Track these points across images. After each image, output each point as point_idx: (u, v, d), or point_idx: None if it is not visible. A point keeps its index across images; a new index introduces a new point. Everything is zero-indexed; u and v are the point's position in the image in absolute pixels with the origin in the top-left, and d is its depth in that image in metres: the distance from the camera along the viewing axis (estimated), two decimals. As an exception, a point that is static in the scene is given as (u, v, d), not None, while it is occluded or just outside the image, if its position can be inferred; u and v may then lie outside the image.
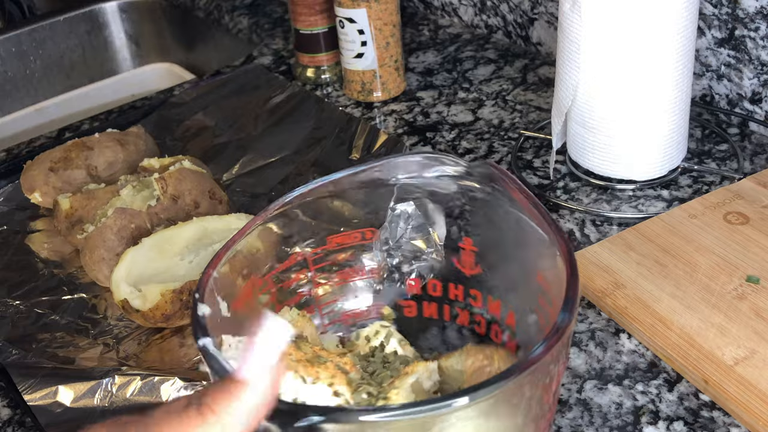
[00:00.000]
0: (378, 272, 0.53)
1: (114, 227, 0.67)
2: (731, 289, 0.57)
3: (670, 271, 0.60)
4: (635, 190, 0.72)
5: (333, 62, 0.97)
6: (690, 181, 0.73)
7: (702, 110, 0.81)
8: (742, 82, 0.78)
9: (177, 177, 0.70)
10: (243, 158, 0.83)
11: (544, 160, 0.78)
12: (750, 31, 0.75)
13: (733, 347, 0.53)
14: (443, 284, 0.52)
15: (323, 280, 0.52)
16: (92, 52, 1.35)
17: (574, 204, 0.71)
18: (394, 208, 0.57)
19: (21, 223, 0.77)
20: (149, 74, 1.38)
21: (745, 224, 0.63)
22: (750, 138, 0.77)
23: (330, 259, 0.52)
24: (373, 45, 0.88)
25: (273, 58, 1.07)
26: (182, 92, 0.96)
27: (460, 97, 0.92)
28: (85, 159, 0.77)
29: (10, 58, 1.26)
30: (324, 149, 0.82)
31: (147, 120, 0.91)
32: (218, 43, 1.28)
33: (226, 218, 0.68)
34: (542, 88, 0.92)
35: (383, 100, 0.92)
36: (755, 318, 0.55)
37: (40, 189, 0.76)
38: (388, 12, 0.88)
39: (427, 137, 0.85)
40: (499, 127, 0.85)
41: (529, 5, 0.98)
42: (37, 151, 0.82)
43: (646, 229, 0.64)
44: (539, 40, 0.99)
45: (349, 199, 0.50)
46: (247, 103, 0.93)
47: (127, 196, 0.70)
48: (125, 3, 1.36)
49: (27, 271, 0.71)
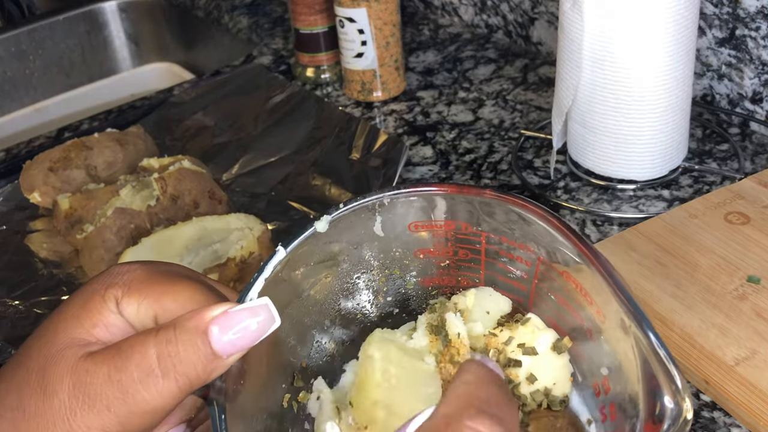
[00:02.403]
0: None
1: (113, 227, 0.66)
2: (732, 289, 0.57)
3: (671, 271, 0.59)
4: (636, 190, 0.72)
5: (333, 62, 0.97)
6: (691, 181, 0.72)
7: (703, 110, 0.81)
8: (743, 82, 0.78)
9: (176, 177, 0.70)
10: (243, 158, 0.83)
11: (544, 160, 0.78)
12: (751, 31, 0.75)
13: (734, 347, 0.53)
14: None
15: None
16: (92, 51, 1.35)
17: (574, 204, 0.71)
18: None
19: (20, 223, 0.77)
20: (149, 74, 1.38)
21: (745, 224, 0.63)
22: (751, 138, 0.77)
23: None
24: (373, 44, 0.88)
25: (273, 57, 1.07)
26: (182, 92, 0.96)
27: (460, 97, 0.92)
28: (84, 159, 0.77)
29: (9, 57, 1.26)
30: (324, 149, 0.82)
31: (146, 120, 0.91)
32: (218, 42, 1.28)
33: (225, 218, 0.68)
34: (543, 88, 0.91)
35: (383, 99, 0.92)
36: (756, 318, 0.54)
37: (39, 189, 0.76)
38: (388, 11, 0.87)
39: (427, 137, 0.85)
40: (499, 126, 0.85)
41: (529, 5, 0.98)
42: (37, 151, 0.82)
43: (647, 229, 0.64)
44: (540, 39, 0.99)
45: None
46: (247, 102, 0.92)
47: (127, 196, 0.70)
48: (125, 2, 1.36)
49: (26, 271, 0.71)
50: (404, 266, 0.46)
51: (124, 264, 0.38)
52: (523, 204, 0.41)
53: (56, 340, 0.35)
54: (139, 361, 0.33)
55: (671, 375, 0.32)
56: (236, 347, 0.34)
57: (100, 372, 0.33)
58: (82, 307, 0.36)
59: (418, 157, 0.82)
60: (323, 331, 0.45)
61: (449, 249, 0.45)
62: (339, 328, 0.46)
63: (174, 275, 0.37)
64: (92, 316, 0.35)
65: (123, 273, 0.37)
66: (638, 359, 0.34)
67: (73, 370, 0.33)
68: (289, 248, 0.41)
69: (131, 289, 0.36)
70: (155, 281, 0.36)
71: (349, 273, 0.45)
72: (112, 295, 0.36)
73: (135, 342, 0.33)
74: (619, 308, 0.35)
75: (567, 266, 0.40)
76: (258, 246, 0.65)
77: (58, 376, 0.33)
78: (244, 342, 0.34)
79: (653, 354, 0.33)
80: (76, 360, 0.34)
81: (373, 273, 0.46)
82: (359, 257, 0.45)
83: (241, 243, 0.64)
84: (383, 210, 0.43)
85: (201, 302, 0.36)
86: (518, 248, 0.43)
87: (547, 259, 0.41)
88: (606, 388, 0.39)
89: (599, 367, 0.39)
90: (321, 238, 0.42)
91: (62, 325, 0.35)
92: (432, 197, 0.43)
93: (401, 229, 0.45)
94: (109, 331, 0.35)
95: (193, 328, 0.33)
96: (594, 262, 0.37)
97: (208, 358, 0.33)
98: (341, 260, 0.45)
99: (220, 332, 0.33)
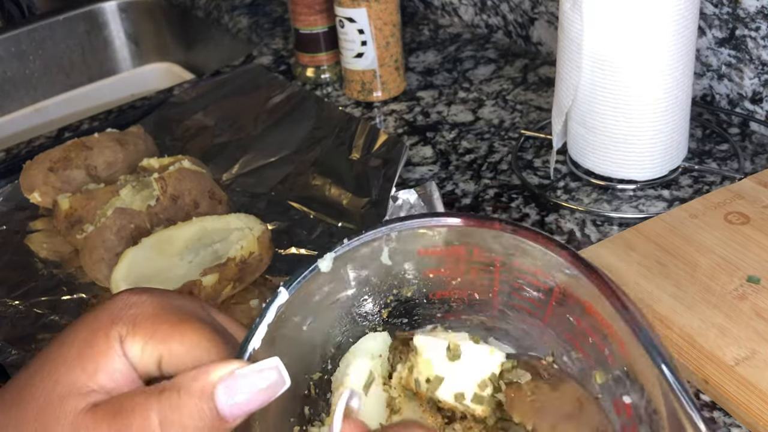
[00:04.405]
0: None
1: (113, 227, 0.66)
2: (732, 289, 0.57)
3: (671, 271, 0.59)
4: (636, 190, 0.72)
5: (333, 62, 0.97)
6: (691, 181, 0.72)
7: (703, 110, 0.81)
8: (743, 82, 0.78)
9: (176, 177, 0.70)
10: (243, 158, 0.83)
11: (544, 160, 0.78)
12: (751, 31, 0.75)
13: (734, 347, 0.53)
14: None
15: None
16: (92, 51, 1.35)
17: (574, 204, 0.71)
18: (395, 198, 0.56)
19: (20, 223, 0.77)
20: (149, 74, 1.38)
21: (745, 224, 0.63)
22: (751, 138, 0.77)
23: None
24: (373, 45, 0.88)
25: (273, 57, 1.07)
26: (182, 92, 0.96)
27: (460, 97, 0.92)
28: (84, 159, 0.77)
29: (9, 57, 1.26)
30: (324, 149, 0.82)
31: (146, 120, 0.91)
32: (218, 42, 1.28)
33: (225, 218, 0.68)
34: (542, 88, 0.91)
35: (383, 99, 0.92)
36: (756, 318, 0.54)
37: (39, 189, 0.76)
38: (388, 11, 0.87)
39: (427, 137, 0.85)
40: (499, 126, 0.85)
41: (529, 5, 0.98)
42: (37, 151, 0.82)
43: (647, 229, 0.64)
44: (540, 39, 0.99)
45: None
46: (247, 102, 0.92)
47: (127, 196, 0.70)
48: (125, 3, 1.36)
49: (26, 271, 0.71)
50: (412, 285, 0.45)
51: (133, 293, 0.37)
52: (535, 236, 0.39)
53: (56, 384, 0.34)
54: (141, 425, 0.32)
55: (694, 423, 0.32)
56: (243, 411, 0.33)
57: (100, 431, 0.32)
58: (86, 344, 0.35)
59: (418, 157, 0.82)
60: (329, 358, 0.44)
61: (460, 269, 0.44)
62: (346, 352, 0.45)
63: (182, 314, 0.36)
64: (96, 360, 0.34)
65: (130, 306, 0.36)
66: (663, 400, 0.33)
67: (72, 425, 0.33)
68: (291, 289, 0.39)
69: (137, 327, 0.35)
70: (162, 319, 0.36)
71: (356, 297, 0.44)
72: (117, 333, 0.35)
73: (137, 403, 0.33)
74: (639, 345, 0.35)
75: (586, 297, 0.39)
76: (258, 246, 0.65)
77: (58, 430, 0.33)
78: (252, 406, 0.33)
79: (676, 401, 0.32)
80: (77, 413, 0.33)
81: (380, 295, 0.45)
82: (366, 282, 0.44)
83: (241, 243, 0.64)
84: (390, 241, 0.42)
85: (208, 349, 0.35)
86: (534, 273, 0.41)
87: (565, 286, 0.40)
88: (627, 413, 0.38)
89: (621, 393, 0.38)
90: (324, 274, 0.40)
91: (64, 367, 0.34)
92: (440, 229, 0.42)
93: (410, 256, 0.43)
94: (111, 378, 0.34)
95: (198, 392, 0.32)
96: (612, 300, 0.36)
97: (214, 423, 0.32)
98: (347, 288, 0.43)
99: (227, 396, 0.32)
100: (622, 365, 0.38)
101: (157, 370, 0.36)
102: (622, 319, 0.36)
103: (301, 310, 0.41)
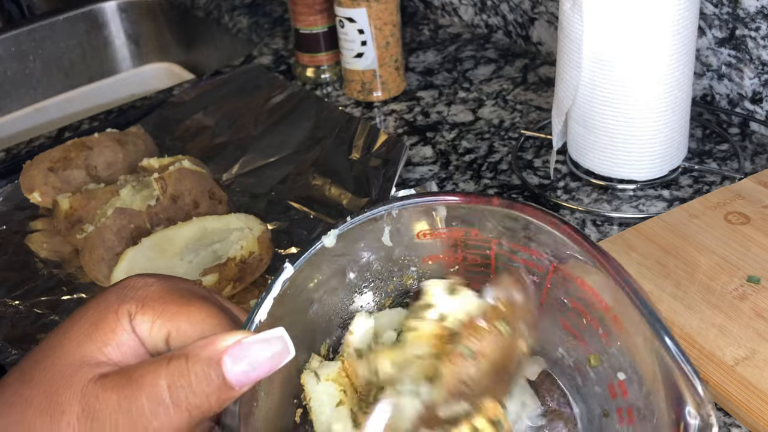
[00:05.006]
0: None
1: (113, 227, 0.66)
2: (732, 289, 0.57)
3: (671, 271, 0.59)
4: (636, 190, 0.72)
5: (333, 62, 0.97)
6: (691, 181, 0.72)
7: (703, 110, 0.81)
8: (743, 82, 0.78)
9: (176, 177, 0.70)
10: (243, 158, 0.83)
11: (544, 160, 0.78)
12: (751, 31, 0.75)
13: (734, 347, 0.53)
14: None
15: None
16: (92, 51, 1.35)
17: (574, 204, 0.71)
18: (395, 196, 0.56)
19: (20, 223, 0.77)
20: (149, 74, 1.37)
21: (745, 224, 0.63)
22: (751, 138, 0.77)
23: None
24: (373, 45, 0.88)
25: (273, 57, 1.07)
26: (182, 92, 0.96)
27: (460, 97, 0.92)
28: (84, 159, 0.77)
29: (9, 57, 1.26)
30: (324, 149, 0.82)
31: (146, 120, 0.91)
32: (218, 42, 1.28)
33: (225, 218, 0.68)
34: (542, 88, 0.91)
35: (383, 99, 0.92)
36: (756, 318, 0.54)
37: (39, 189, 0.76)
38: (388, 11, 0.87)
39: (427, 137, 0.85)
40: (499, 126, 0.85)
41: (529, 5, 0.98)
42: (37, 151, 0.82)
43: (647, 229, 0.64)
44: (539, 39, 0.99)
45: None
46: (247, 103, 0.92)
47: (127, 196, 0.70)
48: (125, 2, 1.36)
49: (26, 271, 0.71)
50: (412, 272, 0.46)
51: (140, 277, 0.38)
52: (533, 212, 0.40)
53: (66, 357, 0.35)
54: (150, 392, 0.33)
55: (695, 388, 0.32)
56: (250, 378, 0.33)
57: (110, 400, 0.33)
58: (96, 321, 0.36)
59: (418, 157, 0.82)
60: (332, 342, 0.45)
61: (458, 255, 0.45)
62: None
63: (189, 294, 0.37)
64: (106, 335, 0.35)
65: (139, 287, 0.37)
66: (660, 370, 0.34)
67: (82, 394, 0.33)
68: (297, 264, 0.40)
69: (146, 306, 0.36)
70: (170, 300, 0.36)
71: (357, 282, 0.45)
72: (126, 311, 0.36)
73: (146, 371, 0.33)
74: (639, 319, 0.35)
75: (581, 273, 0.39)
76: (258, 246, 0.65)
77: (67, 399, 0.33)
78: (258, 374, 0.34)
79: (677, 368, 0.33)
80: (86, 383, 0.33)
81: (381, 281, 0.46)
82: (367, 266, 0.45)
83: (241, 243, 0.64)
84: (391, 220, 0.43)
85: (215, 325, 0.36)
86: (529, 254, 0.42)
87: (560, 265, 0.41)
88: (623, 392, 0.38)
89: (616, 371, 0.39)
90: (328, 252, 0.42)
91: (73, 342, 0.35)
92: (440, 207, 0.43)
93: (409, 238, 0.44)
94: (120, 351, 0.35)
95: (206, 359, 0.33)
96: (612, 272, 0.36)
97: (221, 389, 0.33)
98: (349, 270, 0.44)
99: (234, 363, 0.33)
100: (616, 341, 0.38)
101: (165, 346, 0.36)
102: (621, 290, 0.36)
103: (305, 287, 0.42)
